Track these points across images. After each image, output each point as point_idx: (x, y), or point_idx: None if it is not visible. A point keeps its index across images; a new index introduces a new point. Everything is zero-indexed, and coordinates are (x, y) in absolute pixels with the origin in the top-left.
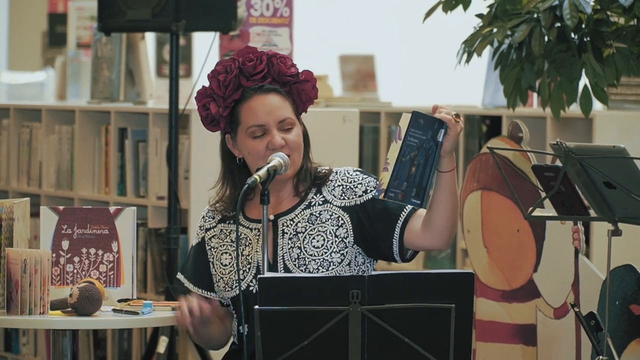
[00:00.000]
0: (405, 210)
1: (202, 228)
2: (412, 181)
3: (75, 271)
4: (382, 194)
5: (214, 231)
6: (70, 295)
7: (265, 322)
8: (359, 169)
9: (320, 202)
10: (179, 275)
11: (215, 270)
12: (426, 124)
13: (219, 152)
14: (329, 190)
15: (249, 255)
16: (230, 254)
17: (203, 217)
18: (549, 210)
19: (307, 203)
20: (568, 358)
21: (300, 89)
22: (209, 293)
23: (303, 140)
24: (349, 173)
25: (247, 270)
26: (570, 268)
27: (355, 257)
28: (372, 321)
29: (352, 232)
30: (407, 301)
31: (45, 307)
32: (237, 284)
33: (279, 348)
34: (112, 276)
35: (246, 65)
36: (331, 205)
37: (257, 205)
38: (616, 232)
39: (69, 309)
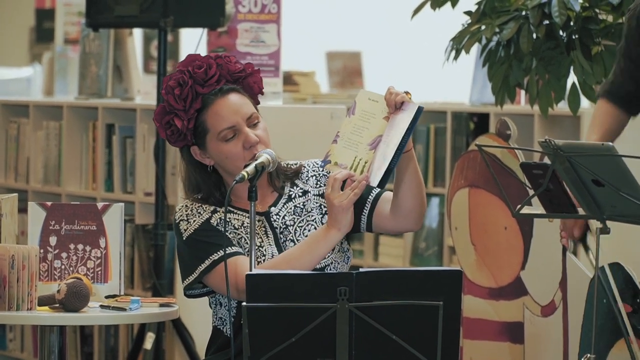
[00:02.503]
0: (371, 194)
1: (196, 216)
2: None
3: (62, 267)
4: (376, 179)
5: (214, 220)
6: (58, 291)
7: (253, 319)
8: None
9: (300, 194)
10: (190, 278)
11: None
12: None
13: (180, 168)
14: (303, 182)
15: (261, 246)
16: (238, 242)
17: (190, 213)
18: (537, 208)
19: (287, 197)
20: (555, 356)
21: (251, 82)
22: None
23: None
24: (317, 164)
25: (262, 262)
26: (558, 266)
27: (341, 243)
28: (360, 318)
29: None
30: (395, 298)
31: (32, 303)
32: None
33: (266, 345)
34: (99, 272)
35: (197, 72)
36: (311, 195)
37: (243, 203)
38: (604, 230)
39: (57, 305)
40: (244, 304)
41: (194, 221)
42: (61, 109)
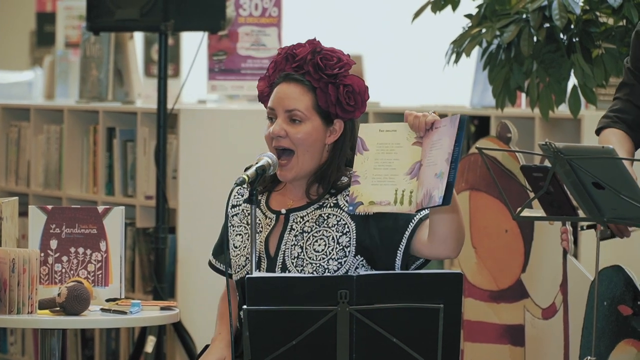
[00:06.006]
0: (413, 221)
1: (229, 204)
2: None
3: (63, 270)
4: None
5: (238, 209)
6: (59, 294)
7: (254, 321)
8: None
9: (332, 205)
10: (210, 257)
11: (231, 250)
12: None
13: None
14: (343, 196)
15: (255, 243)
16: (242, 236)
17: (234, 194)
18: (537, 210)
19: (319, 203)
20: (556, 358)
21: (331, 90)
22: (229, 269)
23: (335, 145)
24: None
25: (249, 259)
26: (559, 269)
27: (356, 268)
28: (361, 321)
29: (354, 242)
30: (396, 301)
31: (33, 306)
32: (239, 269)
33: (267, 348)
34: (100, 276)
35: (293, 52)
36: (341, 211)
37: (279, 197)
38: (604, 233)
39: (57, 309)
40: (244, 306)
41: (228, 211)
42: (62, 112)
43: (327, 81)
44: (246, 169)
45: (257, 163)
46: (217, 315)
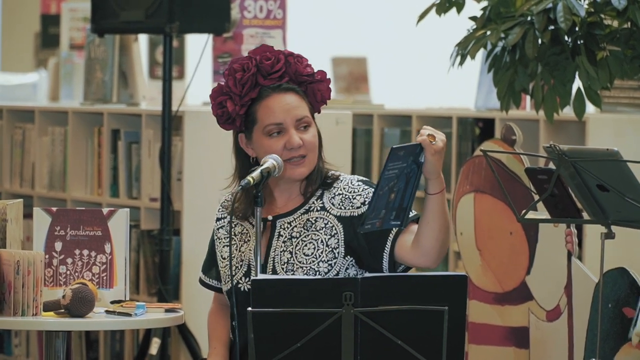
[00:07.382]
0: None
1: (216, 218)
2: (391, 206)
3: (68, 272)
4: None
5: (223, 222)
6: (63, 296)
7: (259, 323)
8: (363, 179)
9: (318, 209)
10: (200, 274)
11: (219, 262)
12: (406, 152)
13: (232, 150)
14: (329, 198)
15: (243, 252)
16: (230, 247)
17: (219, 208)
18: (542, 212)
19: (306, 207)
20: None
21: (315, 89)
22: (218, 283)
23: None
24: (352, 183)
25: (239, 267)
26: (563, 271)
27: (347, 268)
28: (365, 323)
29: (342, 244)
30: (400, 303)
31: (38, 308)
32: (228, 278)
33: (272, 350)
34: (104, 277)
35: (263, 63)
36: (327, 214)
37: (266, 205)
38: (609, 235)
39: (62, 310)
40: (249, 309)
41: (214, 225)
42: (66, 114)
43: (309, 82)
44: (251, 171)
45: (262, 165)
46: (208, 331)
